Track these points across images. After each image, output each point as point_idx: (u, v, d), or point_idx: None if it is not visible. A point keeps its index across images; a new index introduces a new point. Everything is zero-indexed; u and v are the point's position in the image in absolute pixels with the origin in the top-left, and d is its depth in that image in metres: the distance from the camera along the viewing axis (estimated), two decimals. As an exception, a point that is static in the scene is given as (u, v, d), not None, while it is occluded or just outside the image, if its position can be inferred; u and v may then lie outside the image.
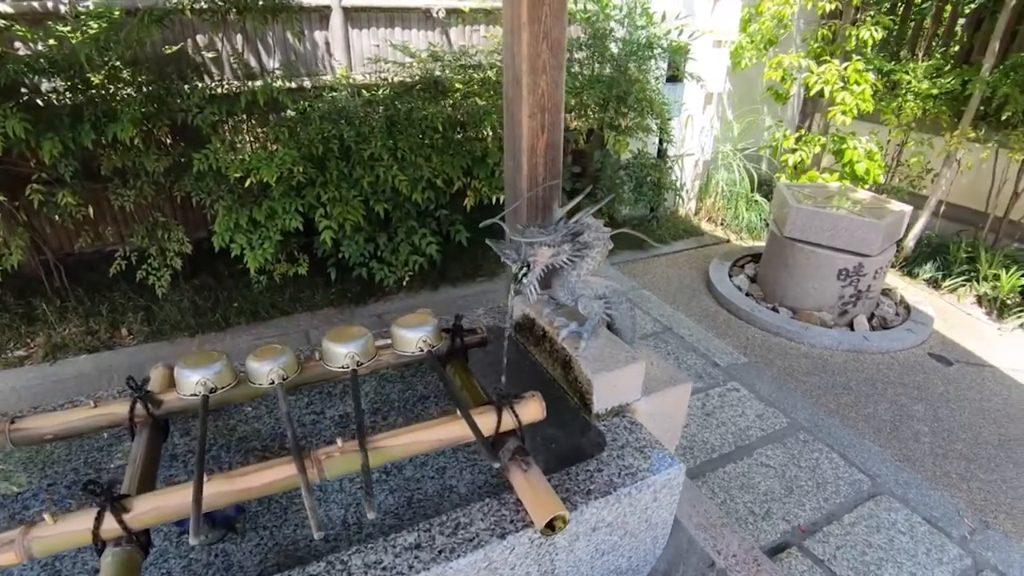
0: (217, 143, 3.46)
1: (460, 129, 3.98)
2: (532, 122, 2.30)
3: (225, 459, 1.60)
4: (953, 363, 3.75)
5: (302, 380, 1.44)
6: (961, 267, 4.67)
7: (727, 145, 5.71)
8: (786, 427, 3.06)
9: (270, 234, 3.62)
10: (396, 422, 1.71)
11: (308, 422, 1.70)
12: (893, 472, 2.80)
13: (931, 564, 2.35)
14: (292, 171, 3.45)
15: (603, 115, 4.39)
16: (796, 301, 4.17)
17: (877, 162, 4.74)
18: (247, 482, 1.11)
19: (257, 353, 1.40)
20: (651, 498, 1.36)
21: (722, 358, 3.62)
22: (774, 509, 2.56)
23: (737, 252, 5.06)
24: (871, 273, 3.94)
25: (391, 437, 1.21)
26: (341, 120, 3.79)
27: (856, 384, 3.50)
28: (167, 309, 3.87)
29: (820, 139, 5.03)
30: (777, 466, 2.80)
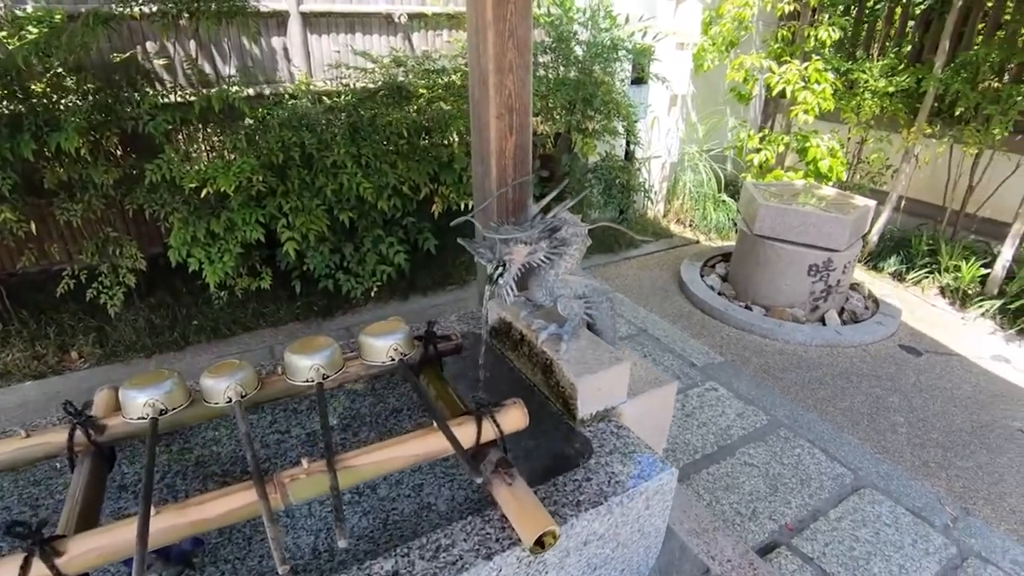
0: (171, 152, 3.29)
1: (426, 135, 3.89)
2: (500, 123, 2.23)
3: (181, 487, 1.46)
4: (922, 353, 3.81)
5: (263, 397, 1.33)
6: (923, 260, 4.77)
7: (693, 147, 5.75)
8: (766, 425, 3.03)
9: (229, 247, 3.46)
10: (368, 438, 1.60)
11: (272, 442, 1.57)
12: (874, 464, 2.80)
13: (918, 555, 2.33)
14: (251, 180, 3.31)
15: (570, 118, 4.36)
16: (768, 298, 4.18)
17: (839, 159, 4.82)
18: (201, 512, 1.00)
19: (212, 369, 1.28)
20: (643, 506, 1.28)
21: (699, 358, 3.60)
22: (760, 509, 2.52)
23: (707, 252, 5.08)
24: (840, 268, 3.98)
25: (362, 455, 1.11)
26: (302, 127, 3.66)
27: (832, 378, 3.51)
28: (121, 329, 3.66)
29: (784, 138, 5.09)
30: (760, 464, 2.76)
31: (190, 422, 1.30)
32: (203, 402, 1.27)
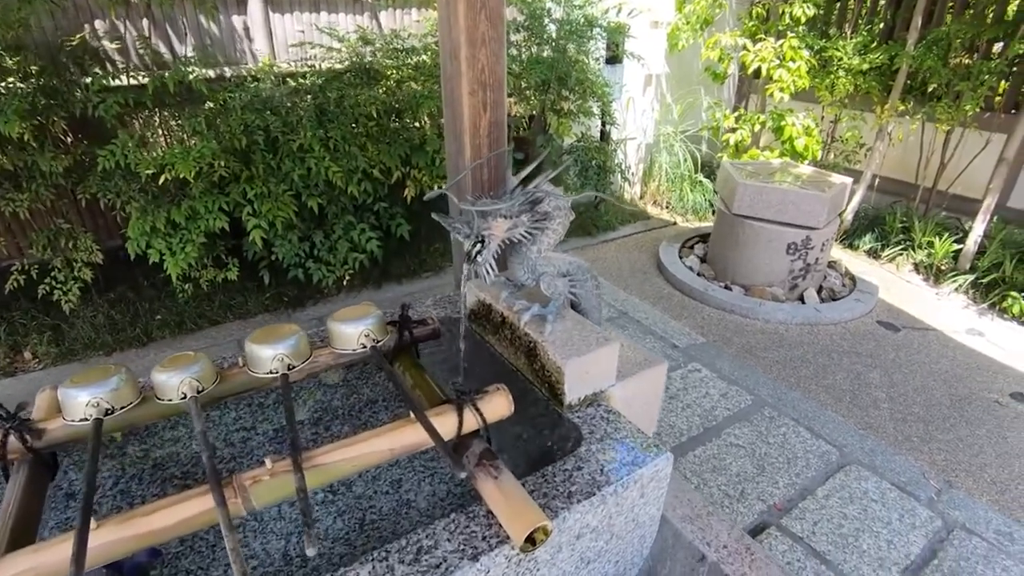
0: (125, 137, 3.10)
1: (396, 117, 3.75)
2: (473, 100, 2.13)
3: (137, 492, 1.34)
4: (900, 329, 3.82)
5: (223, 392, 1.21)
6: (897, 237, 4.81)
7: (668, 128, 5.69)
8: (751, 404, 3.00)
9: (192, 237, 3.29)
10: (341, 432, 1.50)
11: (237, 440, 1.46)
12: (858, 441, 2.78)
13: (905, 530, 2.32)
14: (213, 165, 3.14)
15: (544, 98, 4.25)
16: (748, 278, 4.16)
17: (815, 138, 4.81)
18: (150, 523, 0.88)
19: (165, 363, 1.16)
20: (638, 494, 1.21)
21: (680, 339, 3.55)
22: (748, 489, 2.48)
23: (685, 233, 5.04)
24: (818, 246, 3.96)
25: (333, 451, 1.01)
26: (266, 110, 3.49)
27: (813, 356, 3.50)
28: (79, 327, 3.47)
29: (759, 117, 5.06)
30: (747, 445, 2.73)
31: (141, 422, 1.18)
32: (155, 399, 1.15)
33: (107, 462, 1.36)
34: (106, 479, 1.34)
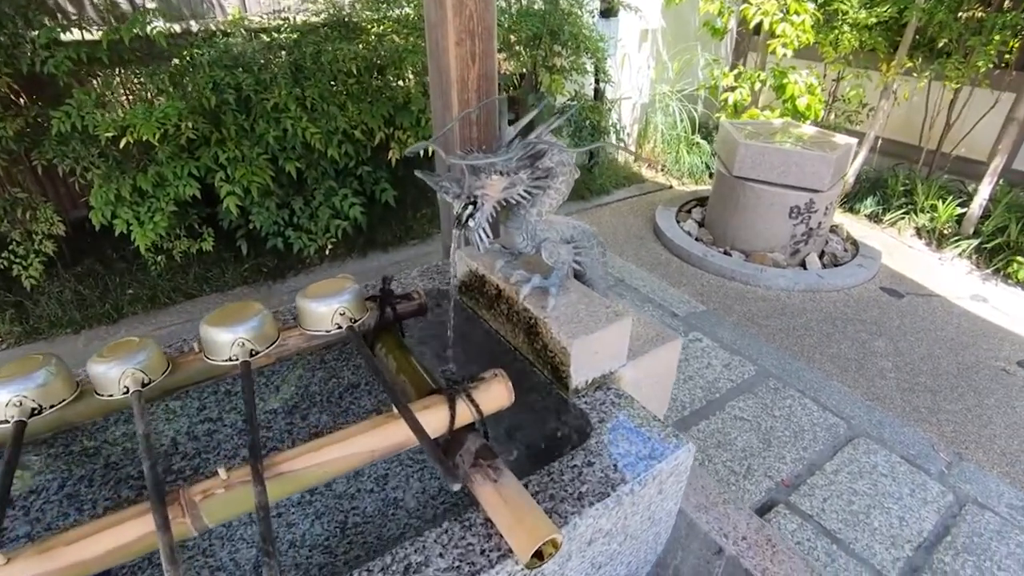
0: (82, 97, 2.83)
1: (378, 73, 3.49)
2: (460, 50, 1.92)
3: (87, 496, 1.18)
4: (904, 296, 3.71)
5: (176, 383, 1.04)
6: (899, 200, 4.66)
7: (664, 86, 5.45)
8: (754, 375, 2.88)
9: (161, 205, 3.07)
10: (320, 422, 1.34)
11: (201, 433, 1.29)
12: (865, 412, 2.68)
13: (916, 505, 2.23)
14: (179, 127, 2.90)
15: (535, 54, 4.00)
16: (748, 243, 4.01)
17: (818, 97, 4.60)
18: (75, 553, 0.72)
19: (104, 352, 0.98)
20: (656, 491, 1.07)
21: (680, 308, 3.41)
22: (755, 465, 2.37)
23: (682, 197, 4.87)
24: (822, 209, 3.81)
25: (300, 456, 0.85)
26: (237, 67, 3.23)
27: (816, 324, 3.38)
28: (44, 304, 3.26)
29: (760, 75, 4.83)
30: (751, 418, 2.61)
31: (79, 420, 1.02)
32: (94, 394, 0.98)
33: (50, 461, 1.20)
34: (50, 482, 1.18)
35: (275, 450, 0.84)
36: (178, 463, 1.24)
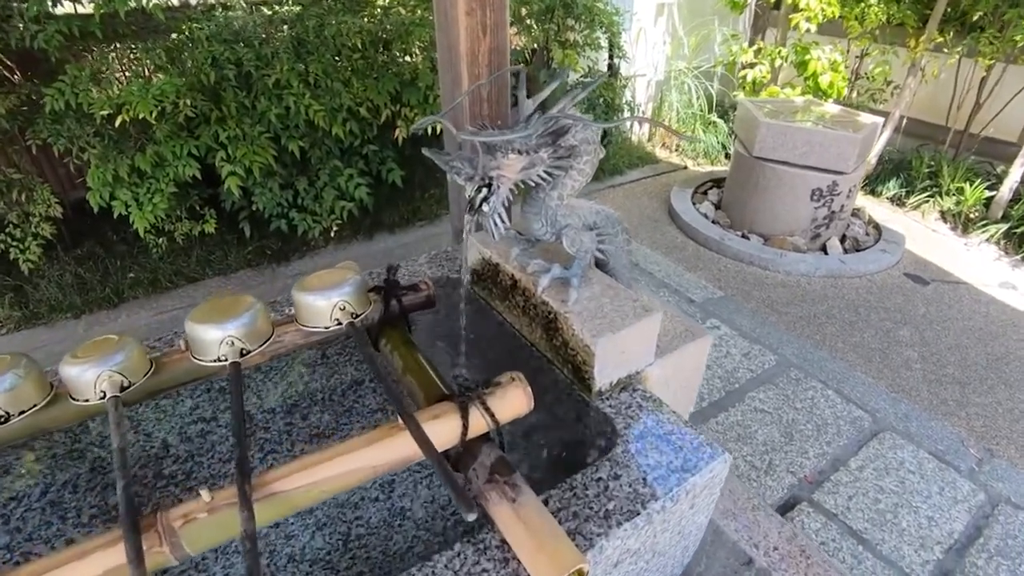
0: (75, 73, 2.72)
1: (383, 48, 3.35)
2: (471, 20, 1.78)
3: (71, 503, 1.10)
4: (929, 282, 3.57)
5: (159, 384, 0.95)
6: (924, 183, 4.49)
7: (680, 63, 5.25)
8: (775, 365, 2.77)
9: (161, 186, 2.96)
10: (321, 421, 1.24)
11: (194, 434, 1.20)
12: (891, 405, 2.57)
13: (946, 504, 2.13)
14: (177, 105, 2.78)
15: (548, 28, 3.83)
16: (767, 226, 3.87)
17: (841, 74, 4.42)
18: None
19: (79, 352, 0.89)
20: (688, 505, 0.97)
21: (697, 293, 3.29)
22: (776, 460, 2.28)
23: (697, 178, 4.71)
24: (845, 192, 3.66)
25: (295, 473, 0.75)
26: (237, 41, 3.10)
27: (839, 311, 3.25)
28: (43, 287, 3.18)
29: (781, 51, 4.64)
30: (772, 410, 2.51)
31: (54, 426, 0.92)
32: (68, 398, 0.88)
33: (32, 465, 1.11)
34: (31, 488, 1.10)
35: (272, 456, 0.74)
36: (169, 466, 1.16)
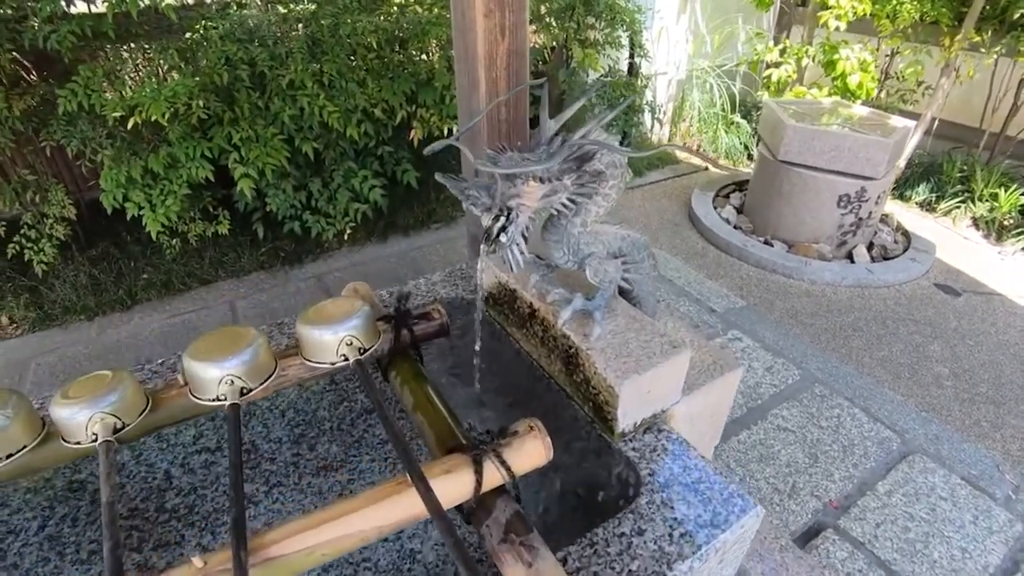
0: (88, 74, 2.69)
1: (400, 47, 3.28)
2: (489, 22, 1.71)
3: (70, 538, 1.05)
4: (961, 294, 3.43)
5: (156, 422, 0.89)
6: (955, 187, 4.33)
7: (703, 61, 5.12)
8: (799, 380, 2.68)
9: (174, 188, 2.94)
10: (329, 452, 1.19)
11: (197, 466, 1.16)
12: (921, 425, 2.46)
13: (980, 535, 2.03)
14: (190, 106, 2.74)
15: (568, 26, 3.74)
16: (791, 233, 3.75)
17: (871, 74, 4.27)
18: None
19: (70, 391, 0.83)
20: (716, 561, 0.90)
21: (718, 303, 3.20)
22: (800, 483, 2.19)
23: (719, 180, 4.59)
24: (873, 198, 3.53)
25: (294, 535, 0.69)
26: (252, 41, 3.05)
27: (865, 324, 3.14)
28: (59, 288, 3.18)
29: (807, 50, 4.50)
30: (796, 429, 2.42)
31: (46, 466, 0.88)
32: (61, 440, 0.83)
33: (30, 497, 1.07)
34: (29, 521, 1.06)
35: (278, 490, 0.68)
36: (171, 499, 1.11)
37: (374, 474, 1.15)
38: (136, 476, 1.14)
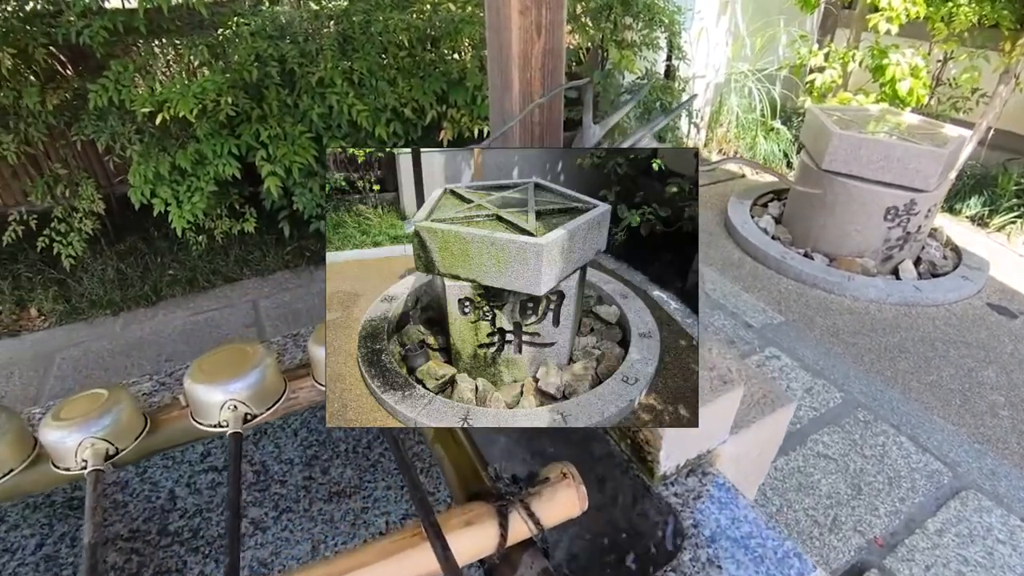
0: (119, 69, 2.68)
1: (431, 45, 3.21)
2: (524, 20, 1.61)
3: (67, 559, 0.99)
4: (1018, 316, 3.22)
5: (153, 446, 0.82)
6: (1011, 201, 4.10)
7: (743, 65, 4.95)
8: (841, 404, 2.53)
9: (201, 184, 2.91)
10: (343, 476, 1.11)
11: (203, 486, 1.09)
12: (975, 458, 2.29)
13: (1043, 584, 1.86)
14: (218, 102, 2.71)
15: (604, 26, 3.62)
16: (833, 246, 3.57)
17: (922, 80, 4.05)
18: None
19: (61, 412, 0.76)
20: (768, 632, 0.79)
21: (755, 317, 3.05)
22: (842, 516, 2.05)
23: (756, 188, 4.43)
24: (923, 211, 3.34)
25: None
26: (282, 37, 3.01)
27: (912, 345, 2.96)
28: (86, 282, 3.19)
29: (854, 54, 4.30)
30: (838, 457, 2.27)
31: (36, 491, 0.81)
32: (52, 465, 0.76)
33: (28, 513, 1.01)
34: (26, 539, 1.00)
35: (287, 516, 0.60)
36: (175, 522, 1.05)
37: (389, 503, 1.07)
38: (139, 495, 1.07)
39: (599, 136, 0.88)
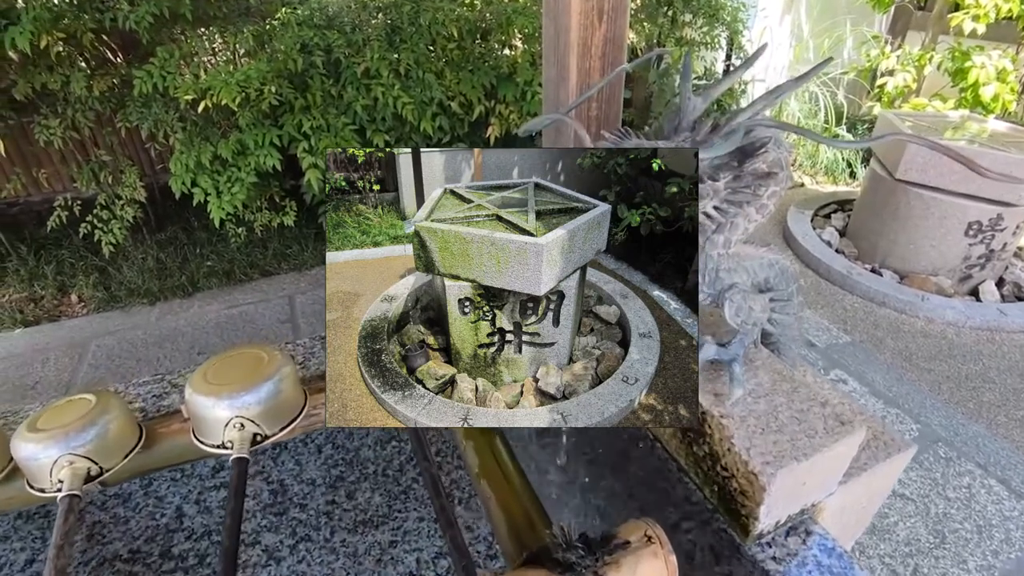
0: (164, 55, 2.63)
1: (481, 37, 3.08)
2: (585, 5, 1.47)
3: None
4: (1119, 346, 2.88)
5: (148, 464, 0.69)
6: (1106, 218, 3.71)
7: (805, 68, 4.67)
8: (918, 437, 2.27)
9: (241, 175, 2.85)
10: (371, 503, 0.97)
11: (213, 504, 0.96)
12: (1079, 509, 2.01)
13: None
14: (262, 91, 2.64)
15: (661, 23, 3.43)
16: (904, 261, 3.29)
17: (1009, 85, 3.73)
18: None
19: (40, 421, 0.64)
20: None
21: (819, 336, 2.81)
22: (924, 567, 1.81)
23: (817, 199, 4.15)
24: (1011, 227, 3.04)
25: None
26: (329, 27, 2.93)
27: (998, 375, 2.67)
28: (125, 270, 3.16)
29: (932, 56, 4.00)
30: (917, 498, 2.03)
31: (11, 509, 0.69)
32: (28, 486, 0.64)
33: (20, 525, 0.90)
34: (17, 554, 0.89)
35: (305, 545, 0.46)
36: (180, 543, 0.92)
37: (421, 537, 0.92)
38: (142, 510, 0.95)
39: (701, 110, 0.72)
